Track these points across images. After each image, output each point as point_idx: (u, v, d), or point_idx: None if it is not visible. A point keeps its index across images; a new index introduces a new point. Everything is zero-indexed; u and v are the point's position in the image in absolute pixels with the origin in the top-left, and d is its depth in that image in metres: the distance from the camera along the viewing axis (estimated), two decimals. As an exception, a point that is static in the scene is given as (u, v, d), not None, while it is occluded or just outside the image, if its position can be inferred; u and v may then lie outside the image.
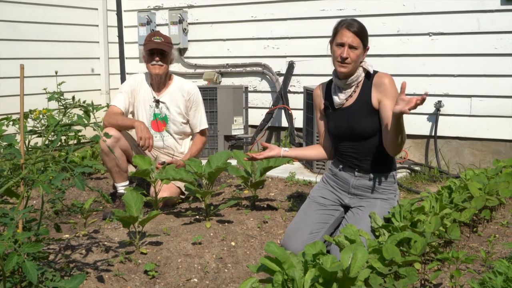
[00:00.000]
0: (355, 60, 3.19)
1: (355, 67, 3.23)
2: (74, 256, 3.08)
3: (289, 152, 3.58)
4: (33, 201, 4.28)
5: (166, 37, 4.37)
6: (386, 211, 3.20)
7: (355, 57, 3.17)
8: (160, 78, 4.34)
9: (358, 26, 3.18)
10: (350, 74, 3.24)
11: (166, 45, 4.28)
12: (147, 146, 4.03)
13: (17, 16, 6.02)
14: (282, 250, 2.40)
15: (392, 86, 3.18)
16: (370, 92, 3.23)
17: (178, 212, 3.98)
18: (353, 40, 3.16)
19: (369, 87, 3.24)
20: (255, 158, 3.57)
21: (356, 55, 3.17)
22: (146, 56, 4.30)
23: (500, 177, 3.94)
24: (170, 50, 4.31)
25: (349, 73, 3.23)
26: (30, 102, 4.91)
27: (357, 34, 3.16)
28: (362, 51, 3.20)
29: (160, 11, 6.92)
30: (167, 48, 4.27)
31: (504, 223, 3.57)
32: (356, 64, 3.21)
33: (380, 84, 3.20)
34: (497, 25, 5.07)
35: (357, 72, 3.25)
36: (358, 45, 3.17)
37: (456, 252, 2.61)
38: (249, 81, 6.44)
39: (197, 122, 4.47)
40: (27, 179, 2.41)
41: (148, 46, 4.27)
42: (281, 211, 3.98)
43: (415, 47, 5.48)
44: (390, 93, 3.16)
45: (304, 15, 6.00)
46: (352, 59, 3.17)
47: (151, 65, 4.27)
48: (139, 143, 4.03)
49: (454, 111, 5.35)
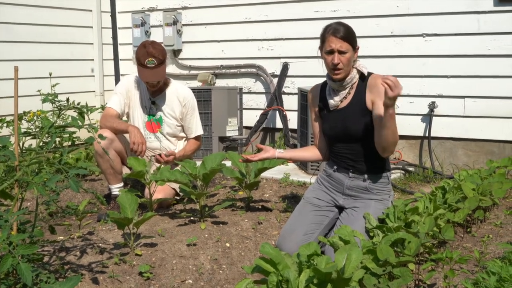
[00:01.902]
0: (347, 63, 3.20)
1: (349, 70, 3.24)
2: (68, 258, 3.07)
3: (283, 154, 3.59)
4: (27, 203, 4.27)
5: (157, 56, 4.10)
6: (380, 212, 3.21)
7: (346, 61, 3.19)
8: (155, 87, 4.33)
9: (344, 30, 3.19)
10: (345, 77, 3.26)
11: (160, 70, 4.13)
12: (140, 152, 4.02)
13: (11, 18, 6.01)
14: (276, 251, 2.40)
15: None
16: (365, 93, 3.24)
17: (173, 214, 3.98)
18: (341, 45, 3.17)
19: (364, 89, 3.25)
20: (249, 160, 3.59)
21: (347, 58, 3.19)
22: (140, 75, 4.19)
23: (493, 177, 3.96)
24: (164, 67, 4.18)
25: (345, 77, 3.25)
26: (25, 103, 4.91)
27: (344, 38, 3.17)
28: (352, 53, 3.22)
29: (154, 13, 6.92)
30: (161, 76, 4.17)
31: (498, 223, 3.58)
32: (349, 67, 3.23)
33: (374, 85, 3.21)
34: (491, 26, 5.10)
35: (351, 73, 3.27)
36: (347, 49, 3.18)
37: (450, 253, 2.62)
38: (244, 82, 6.44)
39: (192, 127, 4.45)
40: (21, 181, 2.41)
41: (143, 75, 4.13)
42: (275, 212, 3.98)
43: (409, 48, 5.50)
44: (383, 94, 3.17)
45: (298, 16, 6.02)
46: (344, 63, 3.19)
47: (147, 84, 4.23)
48: (132, 148, 4.02)
49: (448, 112, 5.38)
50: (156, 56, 4.09)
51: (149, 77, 4.15)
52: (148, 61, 4.08)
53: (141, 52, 4.12)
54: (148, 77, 4.15)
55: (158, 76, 4.16)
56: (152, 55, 4.08)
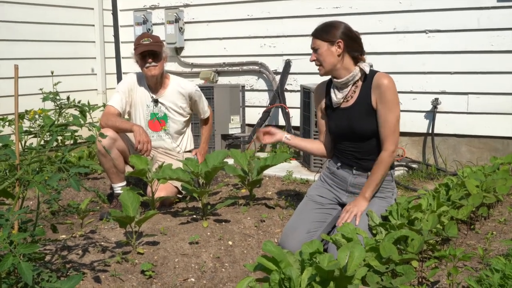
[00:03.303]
0: (321, 59, 3.25)
1: (330, 64, 3.25)
2: (70, 256, 3.06)
3: (290, 141, 3.59)
4: (29, 202, 4.27)
5: (154, 37, 4.34)
6: (384, 209, 3.19)
7: (320, 56, 3.25)
8: (156, 79, 4.32)
9: (316, 28, 3.31)
10: (333, 71, 3.28)
11: (155, 45, 4.25)
12: (145, 151, 4.03)
13: (13, 16, 6.01)
14: (279, 249, 2.39)
15: (388, 89, 3.16)
16: (370, 92, 3.22)
17: (175, 212, 3.97)
18: (313, 43, 3.30)
19: (369, 88, 3.23)
20: (262, 140, 3.61)
21: (320, 54, 3.25)
22: (139, 60, 4.26)
23: (497, 174, 3.93)
24: (161, 49, 4.28)
25: (326, 72, 3.31)
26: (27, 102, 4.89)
27: (314, 36, 3.30)
28: (326, 47, 3.23)
29: (156, 10, 6.91)
30: (157, 48, 4.25)
31: (502, 220, 3.57)
32: (327, 62, 3.25)
33: (378, 85, 3.19)
34: (494, 22, 5.07)
35: (352, 72, 3.25)
36: (319, 45, 3.26)
37: (453, 250, 2.60)
38: (246, 80, 6.43)
39: (205, 108, 4.66)
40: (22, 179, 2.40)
41: (138, 50, 4.23)
42: (278, 210, 3.97)
43: (412, 45, 5.47)
44: (384, 97, 3.16)
45: (301, 13, 5.99)
46: (319, 59, 3.27)
47: (146, 68, 4.24)
48: (137, 147, 4.02)
49: (451, 109, 5.35)
50: (150, 36, 4.33)
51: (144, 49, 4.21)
52: (144, 39, 4.24)
53: (137, 38, 4.37)
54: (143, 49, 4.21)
55: (154, 47, 4.23)
56: (146, 36, 4.31)
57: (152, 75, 4.26)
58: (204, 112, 4.66)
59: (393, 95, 3.18)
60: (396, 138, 3.20)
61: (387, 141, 3.18)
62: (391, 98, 3.16)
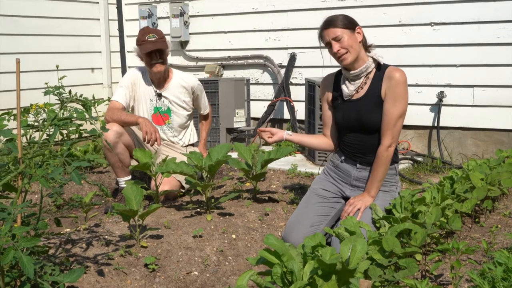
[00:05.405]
0: (348, 46, 3.15)
1: (356, 51, 3.18)
2: (74, 250, 3.07)
3: (292, 137, 3.54)
4: (34, 196, 4.28)
5: (158, 32, 4.29)
6: (387, 203, 3.19)
7: (346, 43, 3.15)
8: (161, 74, 4.32)
9: (329, 21, 3.20)
10: (355, 62, 3.20)
11: (162, 42, 4.23)
12: (154, 140, 3.99)
13: (17, 10, 6.01)
14: (281, 243, 2.39)
15: (399, 83, 3.14)
16: (381, 84, 3.19)
17: (179, 205, 3.97)
18: (333, 33, 3.17)
19: (380, 80, 3.20)
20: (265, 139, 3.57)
21: (345, 41, 3.15)
22: (144, 57, 4.24)
23: (502, 167, 3.90)
24: (166, 46, 4.27)
25: (353, 60, 3.19)
26: (32, 96, 4.93)
27: (333, 25, 3.17)
28: (350, 35, 3.17)
29: (161, 4, 6.90)
30: (164, 46, 4.23)
31: (507, 213, 3.55)
32: (354, 48, 3.17)
33: (389, 77, 3.16)
34: (499, 14, 5.03)
35: (366, 62, 3.22)
36: (341, 34, 3.16)
37: (456, 243, 2.59)
38: (251, 73, 6.42)
39: (206, 104, 4.68)
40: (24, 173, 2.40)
41: (145, 48, 4.18)
42: (282, 203, 3.97)
43: (417, 37, 5.44)
44: (393, 89, 3.13)
45: (306, 6, 5.97)
46: (344, 46, 3.15)
47: (152, 65, 4.22)
48: (145, 137, 3.99)
49: (456, 101, 5.32)
50: (154, 32, 4.28)
51: (152, 48, 4.17)
52: (149, 36, 4.21)
53: (140, 33, 4.31)
54: (151, 48, 4.17)
55: (161, 44, 4.20)
56: (151, 32, 4.26)
57: (158, 72, 4.25)
58: (205, 108, 4.67)
59: (402, 89, 3.15)
60: (394, 133, 3.16)
61: (384, 135, 3.16)
62: (400, 92, 3.14)
